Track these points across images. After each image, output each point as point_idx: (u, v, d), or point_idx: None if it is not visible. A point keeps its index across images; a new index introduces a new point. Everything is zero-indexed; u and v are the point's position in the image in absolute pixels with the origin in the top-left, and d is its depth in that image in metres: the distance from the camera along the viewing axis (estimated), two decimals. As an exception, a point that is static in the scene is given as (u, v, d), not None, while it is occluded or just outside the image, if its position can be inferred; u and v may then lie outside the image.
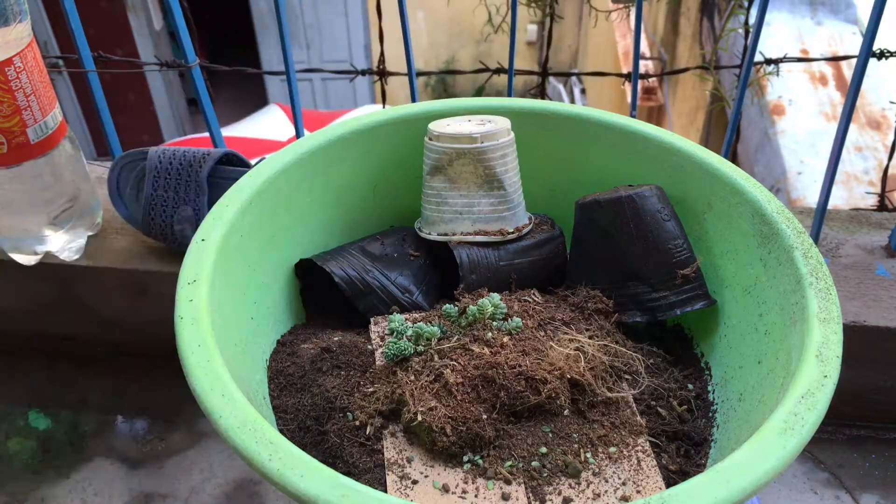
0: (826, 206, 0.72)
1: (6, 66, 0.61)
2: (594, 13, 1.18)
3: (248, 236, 0.52)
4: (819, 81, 2.07)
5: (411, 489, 0.44)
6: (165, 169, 0.70)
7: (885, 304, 0.68)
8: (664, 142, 0.58)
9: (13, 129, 0.63)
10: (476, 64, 0.94)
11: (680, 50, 3.20)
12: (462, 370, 0.47)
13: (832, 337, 0.43)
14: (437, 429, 0.45)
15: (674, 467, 0.47)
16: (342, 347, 0.54)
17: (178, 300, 0.45)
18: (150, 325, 0.78)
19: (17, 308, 0.79)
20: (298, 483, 0.35)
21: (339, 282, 0.57)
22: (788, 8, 2.21)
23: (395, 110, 0.62)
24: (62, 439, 0.73)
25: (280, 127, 2.75)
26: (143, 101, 4.40)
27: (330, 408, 0.49)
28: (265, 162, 0.56)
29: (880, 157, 1.86)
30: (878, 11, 0.62)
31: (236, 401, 0.39)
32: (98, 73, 0.78)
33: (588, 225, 0.57)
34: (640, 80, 0.85)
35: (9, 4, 0.59)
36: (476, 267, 0.57)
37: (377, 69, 0.86)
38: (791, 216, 0.51)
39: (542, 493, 0.44)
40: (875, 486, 0.67)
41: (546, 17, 0.96)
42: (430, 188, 0.59)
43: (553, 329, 0.52)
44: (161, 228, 0.71)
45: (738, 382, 0.51)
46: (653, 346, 0.55)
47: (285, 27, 0.75)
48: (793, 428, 0.38)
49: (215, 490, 0.68)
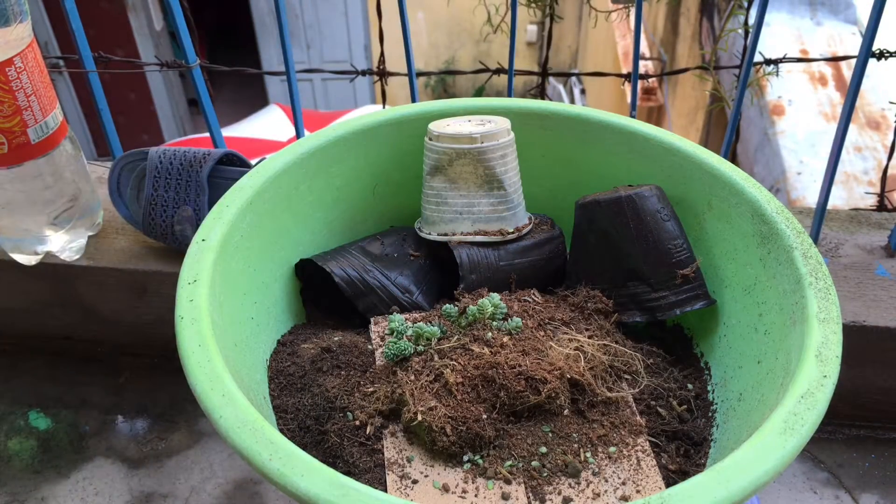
0: (826, 206, 0.72)
1: (7, 67, 0.61)
2: (594, 13, 1.18)
3: (248, 236, 0.52)
4: (819, 82, 2.07)
5: (411, 489, 0.44)
6: (166, 169, 0.70)
7: (884, 304, 0.68)
8: (664, 142, 0.59)
9: (14, 129, 0.63)
10: (476, 64, 0.94)
11: (680, 50, 3.20)
12: (462, 370, 0.47)
13: (832, 337, 0.43)
14: (437, 428, 0.45)
15: (673, 467, 0.47)
16: (342, 347, 0.54)
17: (178, 300, 0.45)
18: (151, 325, 0.78)
19: (17, 308, 0.79)
20: (298, 483, 0.36)
21: (339, 282, 0.57)
22: (788, 8, 2.21)
23: (395, 110, 0.62)
24: (62, 439, 0.73)
25: (280, 127, 2.75)
26: (143, 101, 4.40)
27: (330, 407, 0.49)
28: (265, 162, 0.56)
29: (880, 158, 1.86)
30: (878, 11, 0.62)
31: (236, 401, 0.39)
32: (98, 74, 0.78)
33: (588, 225, 0.57)
34: (640, 81, 0.85)
35: (9, 5, 0.59)
36: (476, 267, 0.57)
37: (377, 69, 0.86)
38: (791, 216, 0.51)
39: (541, 492, 0.44)
40: (875, 485, 0.68)
41: (546, 17, 0.96)
42: (430, 188, 0.59)
43: (553, 329, 0.52)
44: (161, 228, 0.71)
45: (737, 382, 0.51)
46: (653, 346, 0.55)
47: (285, 27, 0.75)
48: (792, 428, 0.38)
49: (216, 490, 0.68)
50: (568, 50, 5.70)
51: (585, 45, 5.33)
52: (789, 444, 0.37)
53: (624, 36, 3.76)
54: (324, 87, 4.94)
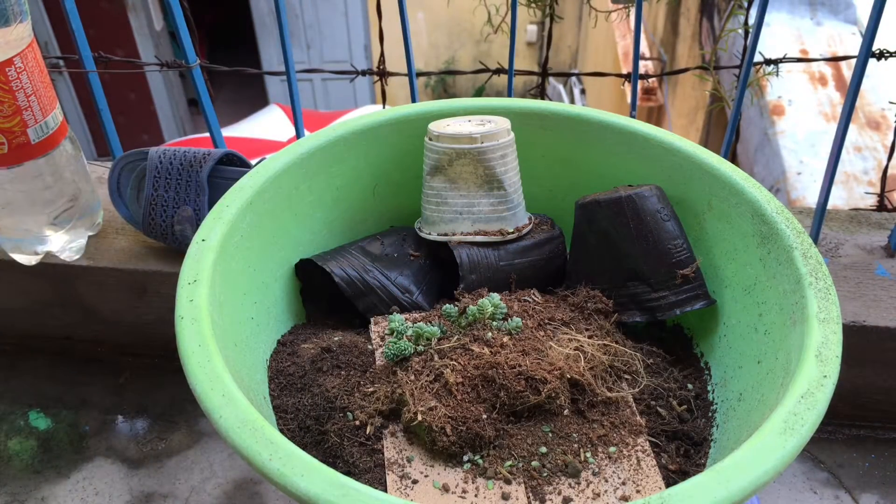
0: (826, 206, 0.72)
1: (7, 67, 0.61)
2: (594, 13, 1.18)
3: (248, 236, 0.52)
4: (819, 82, 2.07)
5: (411, 489, 0.44)
6: (166, 169, 0.70)
7: (884, 304, 0.68)
8: (664, 142, 0.59)
9: (14, 129, 0.63)
10: (476, 64, 0.94)
11: (680, 50, 3.20)
12: (462, 370, 0.47)
13: (832, 337, 0.43)
14: (437, 428, 0.45)
15: (673, 467, 0.47)
16: (342, 347, 0.54)
17: (178, 300, 0.45)
18: (151, 325, 0.78)
19: (17, 308, 0.79)
20: (299, 482, 0.36)
21: (339, 282, 0.57)
22: (788, 8, 2.21)
23: (395, 110, 0.62)
24: (62, 439, 0.73)
25: (280, 127, 2.75)
26: (143, 101, 4.40)
27: (330, 407, 0.49)
28: (265, 162, 0.56)
29: (880, 158, 1.86)
30: (878, 11, 0.62)
31: (236, 400, 0.39)
32: (98, 74, 0.78)
33: (588, 225, 0.57)
34: (640, 81, 0.85)
35: (9, 5, 0.59)
36: (476, 267, 0.57)
37: (377, 69, 0.86)
38: (791, 216, 0.51)
39: (541, 492, 0.44)
40: (875, 485, 0.68)
41: (546, 17, 0.96)
42: (430, 188, 0.59)
43: (553, 329, 0.52)
44: (161, 228, 0.71)
45: (737, 382, 0.51)
46: (653, 346, 0.55)
47: (285, 27, 0.75)
48: (792, 428, 0.38)
49: (216, 490, 0.68)
50: (568, 50, 5.70)
51: (585, 45, 5.33)
52: (789, 444, 0.37)
53: (624, 36, 3.76)
54: (324, 87, 4.94)
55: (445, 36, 5.68)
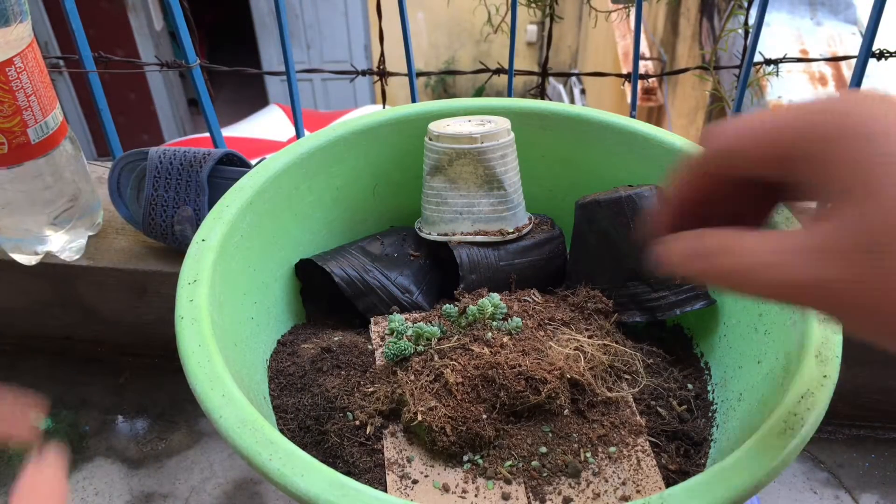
0: (826, 207, 0.72)
1: (7, 67, 0.61)
2: (594, 13, 1.18)
3: (248, 236, 0.52)
4: (819, 82, 2.07)
5: (411, 489, 0.44)
6: (166, 169, 0.70)
7: (884, 304, 0.68)
8: (664, 142, 0.58)
9: (14, 129, 0.63)
10: (476, 64, 0.94)
11: (680, 50, 3.20)
12: (462, 370, 0.47)
13: (832, 337, 0.43)
14: (437, 428, 0.45)
15: (673, 467, 0.47)
16: (342, 347, 0.54)
17: (178, 300, 0.45)
18: (151, 325, 0.78)
19: (17, 308, 0.79)
20: (298, 482, 0.35)
21: (339, 282, 0.57)
22: (788, 8, 2.21)
23: (395, 110, 0.62)
24: (62, 439, 0.73)
25: (280, 127, 2.75)
26: (143, 101, 4.40)
27: (330, 407, 0.49)
28: (265, 162, 0.56)
29: (880, 157, 1.86)
30: (878, 11, 0.62)
31: (236, 400, 0.39)
32: (98, 74, 0.78)
33: (588, 225, 0.57)
34: (640, 81, 0.85)
35: (9, 5, 0.59)
36: (476, 267, 0.57)
37: (377, 69, 0.86)
38: (791, 216, 0.51)
39: (542, 492, 0.44)
40: (875, 485, 0.68)
41: (546, 17, 0.96)
42: (430, 188, 0.59)
43: (553, 329, 0.52)
44: (161, 228, 0.71)
45: (737, 382, 0.51)
46: (653, 346, 0.55)
47: (285, 27, 0.75)
48: (792, 428, 0.38)
49: (216, 490, 0.68)
50: (568, 50, 5.70)
51: (585, 45, 5.33)
52: (789, 444, 0.37)
53: (624, 36, 3.76)
54: (324, 87, 4.94)
55: (445, 36, 5.68)
